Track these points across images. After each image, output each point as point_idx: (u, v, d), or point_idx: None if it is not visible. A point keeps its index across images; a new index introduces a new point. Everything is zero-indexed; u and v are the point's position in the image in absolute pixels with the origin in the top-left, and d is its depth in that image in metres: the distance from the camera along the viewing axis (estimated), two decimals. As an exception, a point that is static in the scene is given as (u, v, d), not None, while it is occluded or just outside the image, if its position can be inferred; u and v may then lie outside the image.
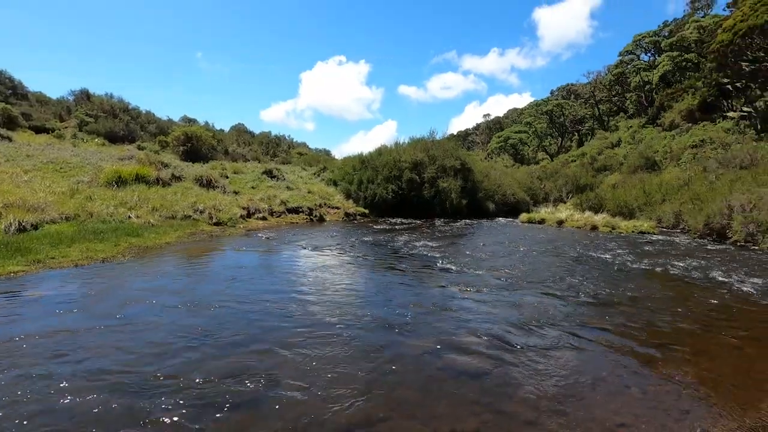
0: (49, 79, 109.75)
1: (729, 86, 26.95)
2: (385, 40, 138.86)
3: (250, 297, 5.54)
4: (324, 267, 7.73)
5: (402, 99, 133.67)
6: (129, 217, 10.51)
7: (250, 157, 34.33)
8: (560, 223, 16.98)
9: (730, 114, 26.17)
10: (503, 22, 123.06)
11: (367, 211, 18.57)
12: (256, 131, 53.30)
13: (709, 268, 8.20)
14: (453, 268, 7.88)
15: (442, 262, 8.35)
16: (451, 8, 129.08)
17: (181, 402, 3.00)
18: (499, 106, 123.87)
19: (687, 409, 3.17)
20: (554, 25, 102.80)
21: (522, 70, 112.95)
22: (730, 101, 27.83)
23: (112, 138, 30.93)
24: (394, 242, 11.05)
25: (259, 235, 11.43)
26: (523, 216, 18.80)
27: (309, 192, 18.15)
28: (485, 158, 49.91)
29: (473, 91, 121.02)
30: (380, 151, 21.56)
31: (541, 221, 17.71)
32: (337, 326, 4.61)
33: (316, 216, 15.94)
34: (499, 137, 53.69)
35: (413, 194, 19.50)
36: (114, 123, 33.20)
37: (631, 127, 38.07)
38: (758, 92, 25.88)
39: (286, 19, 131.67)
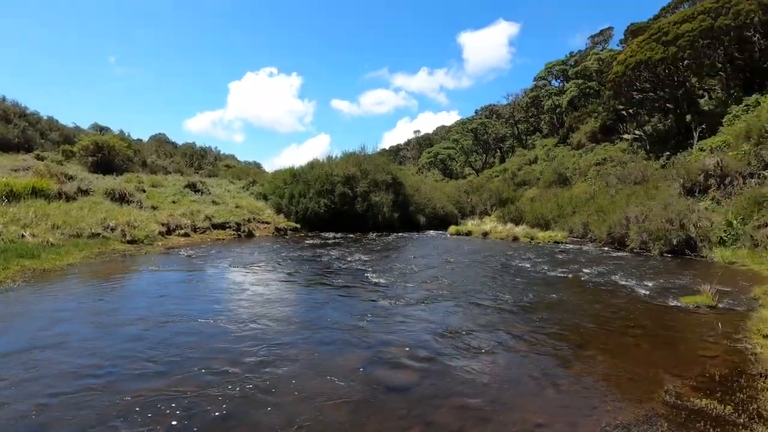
0: None
1: (624, 112, 30.67)
2: (318, 53, 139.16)
3: (166, 323, 5.11)
4: (251, 285, 7.39)
5: (335, 113, 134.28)
6: (22, 236, 9.26)
7: (172, 170, 32.15)
8: (485, 234, 17.95)
9: (625, 136, 29.73)
10: (432, 44, 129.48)
11: (298, 226, 18.19)
12: (180, 142, 50.16)
13: (612, 273, 9.12)
14: (384, 281, 7.95)
15: (373, 276, 8.39)
16: (382, 27, 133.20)
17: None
18: (428, 123, 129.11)
19: (595, 405, 3.45)
20: (478, 49, 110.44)
21: (449, 90, 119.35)
22: (625, 125, 31.63)
23: (4, 146, 27.25)
24: (326, 257, 10.91)
25: (181, 253, 10.66)
26: (452, 228, 19.62)
27: (237, 206, 17.37)
28: (416, 173, 51.53)
29: (404, 108, 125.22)
30: (312, 165, 21.36)
31: (468, 233, 18.60)
32: (262, 349, 4.40)
33: (244, 231, 15.27)
34: (429, 153, 55.82)
35: (346, 208, 19.50)
36: (6, 129, 29.30)
37: (545, 145, 41.64)
38: (647, 118, 29.73)
39: (213, 27, 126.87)
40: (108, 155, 23.21)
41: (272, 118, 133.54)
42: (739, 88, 23.60)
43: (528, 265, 10.26)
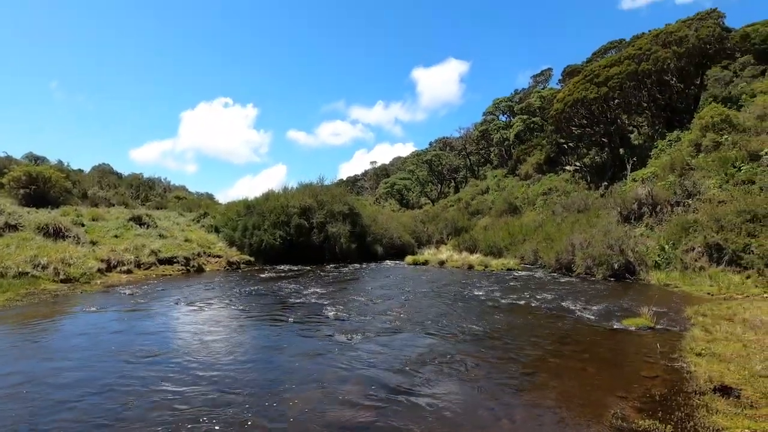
0: None
1: (565, 145, 32.92)
2: (274, 85, 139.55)
3: (101, 369, 4.69)
4: (198, 325, 6.99)
5: (291, 143, 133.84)
6: (-66, 277, 8.30)
7: (116, 202, 30.36)
8: (442, 263, 18.22)
9: (567, 167, 31.78)
10: (387, 79, 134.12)
11: (252, 259, 17.61)
12: (125, 172, 47.69)
13: (561, 299, 9.50)
14: (341, 315, 7.80)
15: (330, 310, 8.21)
16: (338, 61, 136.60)
17: None
18: (385, 154, 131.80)
19: (547, 432, 3.51)
20: (430, 84, 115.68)
21: (405, 122, 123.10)
22: (567, 157, 33.86)
23: None
24: (281, 291, 10.58)
25: (122, 291, 9.95)
26: (409, 258, 19.76)
27: (186, 240, 16.60)
28: (374, 203, 51.95)
29: (361, 139, 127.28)
30: (268, 197, 20.97)
31: (425, 262, 18.80)
32: (208, 394, 4.13)
33: (193, 266, 14.55)
34: (386, 183, 56.66)
35: (302, 240, 19.17)
36: (-77, 159, 26.66)
37: (496, 176, 43.56)
38: (585, 151, 32.04)
39: (165, 56, 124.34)
40: (42, 187, 21.59)
41: (227, 148, 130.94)
42: (663, 125, 26.15)
43: (482, 293, 10.48)
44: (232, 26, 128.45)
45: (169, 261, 14.14)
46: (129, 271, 12.48)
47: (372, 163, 75.46)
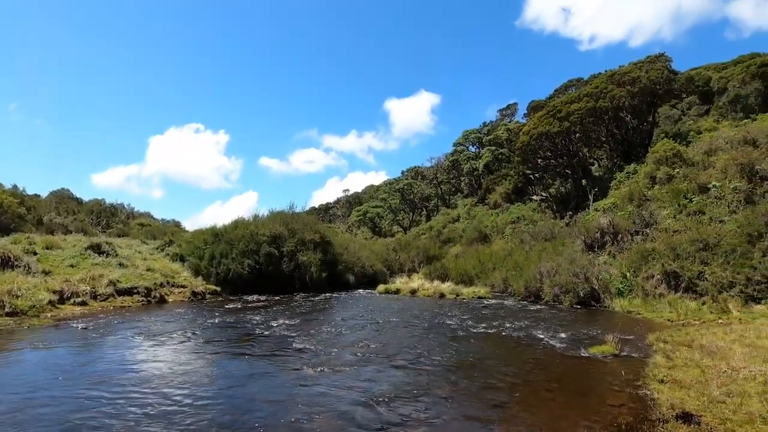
0: None
1: (531, 176, 34.18)
2: (247, 112, 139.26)
3: (36, 417, 4.32)
4: (157, 361, 6.61)
5: (263, 170, 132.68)
6: None
7: (74, 229, 28.91)
8: (413, 292, 18.17)
9: (534, 197, 32.90)
10: (360, 109, 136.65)
11: (219, 289, 17.01)
12: (86, 198, 45.73)
13: (530, 327, 9.60)
14: (310, 347, 7.57)
15: (298, 342, 7.96)
16: (311, 90, 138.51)
17: None
18: (358, 182, 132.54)
19: (517, 467, 3.45)
20: (403, 115, 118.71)
21: (378, 151, 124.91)
22: (533, 187, 35.11)
23: None
24: (247, 322, 10.21)
25: (75, 324, 9.32)
26: (381, 287, 19.62)
27: (149, 269, 15.89)
28: (346, 231, 51.76)
29: (335, 167, 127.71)
30: (237, 224, 20.54)
31: (397, 291, 18.70)
32: (166, 435, 3.86)
33: (155, 297, 13.89)
34: (358, 211, 56.73)
35: (271, 269, 18.74)
36: None
37: (466, 205, 44.49)
38: (551, 181, 33.35)
39: (135, 79, 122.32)
40: (-7, 213, 20.40)
41: (196, 174, 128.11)
42: (620, 158, 27.70)
43: (454, 323, 10.46)
44: (205, 53, 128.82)
45: (129, 292, 13.45)
46: (84, 303, 11.76)
47: (345, 191, 75.65)
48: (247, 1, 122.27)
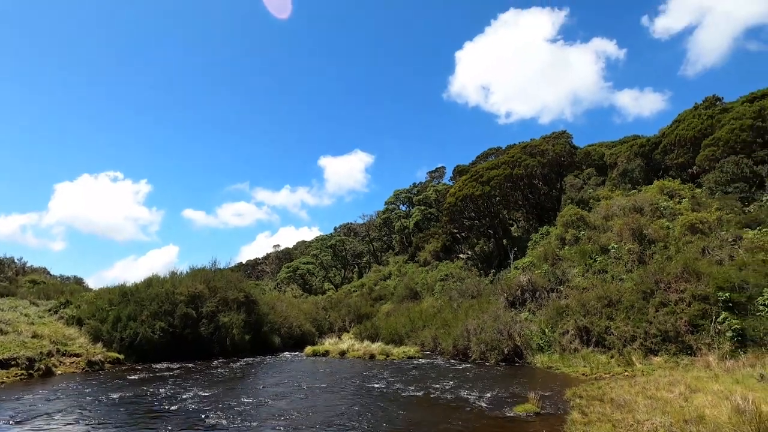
0: None
1: (458, 235, 35.94)
2: (174, 162, 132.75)
3: None
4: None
5: (187, 223, 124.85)
6: None
7: (-58, 288, 24.36)
8: (343, 353, 17.48)
9: (461, 255, 34.37)
10: (294, 164, 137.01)
11: (122, 357, 15.01)
12: (-35, 251, 39.28)
13: (458, 387, 9.58)
14: (223, 423, 6.82)
15: (213, 417, 7.15)
16: (244, 143, 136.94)
17: None
18: (289, 238, 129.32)
19: None
20: (337, 172, 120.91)
21: (311, 207, 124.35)
22: (460, 246, 36.79)
23: None
24: (153, 396, 9.01)
25: None
26: (309, 349, 18.67)
27: (35, 336, 13.69)
28: (274, 288, 49.51)
29: (266, 222, 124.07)
30: (150, 282, 18.73)
31: (326, 353, 17.88)
32: None
33: (39, 369, 11.85)
34: (288, 267, 54.88)
35: (188, 332, 17.07)
36: None
37: (398, 262, 45.13)
38: (476, 241, 35.23)
39: (44, 119, 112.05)
40: None
41: (108, 225, 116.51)
42: (536, 220, 30.31)
43: (383, 386, 10.13)
44: (129, 102, 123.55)
45: (6, 364, 11.37)
46: (-60, 381, 9.67)
47: (275, 246, 73.27)
48: (179, 54, 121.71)
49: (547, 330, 14.31)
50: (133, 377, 11.84)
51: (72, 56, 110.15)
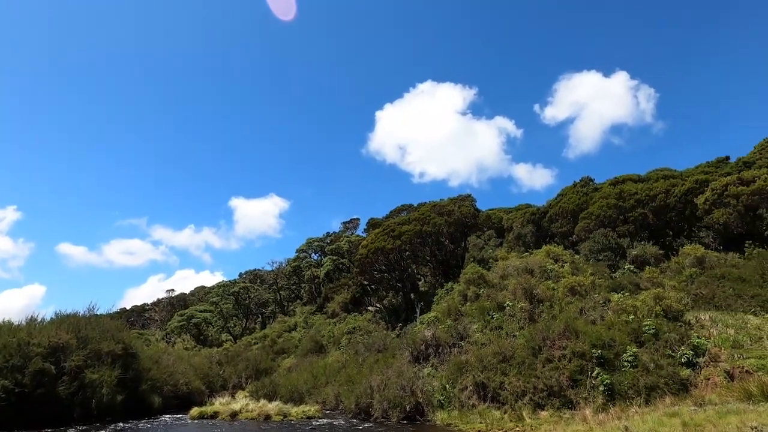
0: None
1: (368, 287, 36.03)
2: (50, 187, 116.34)
3: None
4: None
5: (62, 259, 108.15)
6: None
7: None
8: (234, 415, 15.84)
9: (370, 308, 34.31)
10: (202, 202, 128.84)
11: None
12: None
13: (357, 450, 9.13)
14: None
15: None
16: (141, 176, 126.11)
17: None
18: (187, 282, 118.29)
19: None
20: (249, 215, 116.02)
21: (216, 250, 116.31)
22: (369, 298, 36.79)
23: None
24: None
25: None
26: (194, 411, 16.57)
27: None
28: (162, 339, 44.14)
29: (162, 263, 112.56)
30: (-2, 330, 15.52)
31: (214, 415, 16.04)
32: None
33: None
34: (182, 315, 49.52)
35: (41, 391, 14.19)
36: None
37: (305, 313, 43.48)
38: (385, 293, 35.58)
39: None
40: None
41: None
42: (441, 276, 31.74)
43: (276, 452, 9.27)
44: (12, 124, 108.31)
45: None
46: None
47: (168, 291, 66.29)
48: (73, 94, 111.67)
49: (447, 386, 14.54)
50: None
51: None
